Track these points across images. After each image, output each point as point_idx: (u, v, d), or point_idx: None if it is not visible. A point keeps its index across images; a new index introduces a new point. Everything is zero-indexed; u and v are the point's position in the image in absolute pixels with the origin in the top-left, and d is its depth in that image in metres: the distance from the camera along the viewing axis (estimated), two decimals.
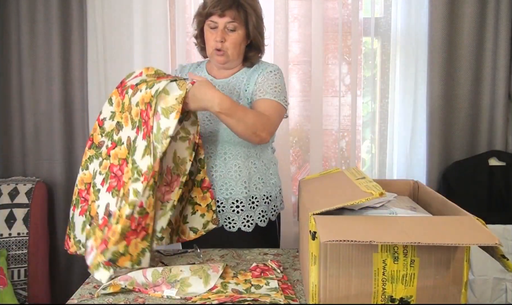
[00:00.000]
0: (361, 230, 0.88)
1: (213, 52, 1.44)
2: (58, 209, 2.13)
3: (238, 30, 1.42)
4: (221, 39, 1.41)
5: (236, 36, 1.42)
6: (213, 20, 1.41)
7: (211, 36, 1.43)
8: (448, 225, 0.91)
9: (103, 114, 1.28)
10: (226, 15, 1.39)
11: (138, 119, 1.19)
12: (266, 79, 1.45)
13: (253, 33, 1.45)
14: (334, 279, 0.93)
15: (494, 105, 2.11)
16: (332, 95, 2.22)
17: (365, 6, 2.17)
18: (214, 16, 1.40)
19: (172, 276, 1.12)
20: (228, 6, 1.39)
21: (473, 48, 2.08)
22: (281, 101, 1.42)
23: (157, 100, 1.14)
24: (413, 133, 2.16)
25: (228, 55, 1.44)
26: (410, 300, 0.93)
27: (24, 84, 2.08)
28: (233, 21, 1.40)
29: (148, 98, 1.16)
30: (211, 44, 1.44)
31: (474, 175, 2.04)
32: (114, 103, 1.26)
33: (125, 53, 2.13)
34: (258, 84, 1.45)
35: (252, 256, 1.36)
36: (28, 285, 1.94)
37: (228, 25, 1.41)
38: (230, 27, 1.41)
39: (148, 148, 1.15)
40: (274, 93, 1.41)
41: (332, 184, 1.20)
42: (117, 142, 1.24)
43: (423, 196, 1.25)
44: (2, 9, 2.06)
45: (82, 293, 1.13)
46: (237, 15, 1.40)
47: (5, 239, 1.92)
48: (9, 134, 2.12)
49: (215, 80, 1.50)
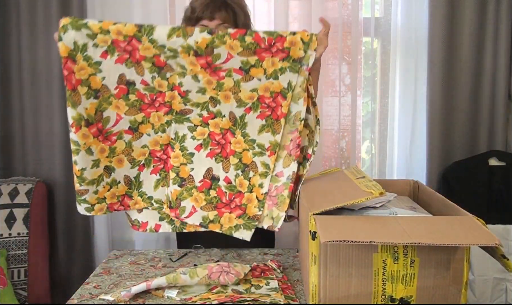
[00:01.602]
0: (361, 230, 0.88)
1: None
2: (58, 209, 2.13)
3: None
4: None
5: None
6: (203, 24, 1.41)
7: None
8: (448, 225, 0.91)
9: (185, 87, 1.28)
10: (216, 18, 1.40)
11: (253, 102, 1.27)
12: None
13: None
14: (334, 279, 0.93)
15: (494, 105, 2.10)
16: (332, 95, 2.22)
17: (365, 6, 2.17)
18: (204, 20, 1.40)
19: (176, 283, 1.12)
20: (217, 9, 1.39)
21: (473, 48, 2.07)
22: None
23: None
24: (413, 133, 2.16)
25: None
26: (410, 300, 0.93)
27: (24, 84, 2.08)
28: (223, 23, 1.41)
29: (278, 88, 1.25)
30: None
31: (474, 175, 2.04)
32: (201, 80, 1.26)
33: None
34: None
35: (252, 256, 1.37)
36: (28, 285, 1.93)
37: (218, 28, 1.42)
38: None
39: (270, 127, 1.28)
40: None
41: (332, 184, 1.20)
42: (216, 114, 1.30)
43: (423, 196, 1.25)
44: (2, 9, 2.06)
45: (82, 293, 1.13)
46: (227, 17, 1.41)
47: (5, 239, 1.92)
48: (9, 134, 2.12)
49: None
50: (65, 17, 1.18)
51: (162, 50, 1.20)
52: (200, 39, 1.18)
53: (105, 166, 1.30)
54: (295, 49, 1.19)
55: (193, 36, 1.18)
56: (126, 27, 1.17)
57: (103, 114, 1.27)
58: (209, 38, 1.18)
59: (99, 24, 1.17)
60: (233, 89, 1.26)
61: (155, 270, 1.28)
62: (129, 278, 1.23)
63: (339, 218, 0.96)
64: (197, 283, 1.11)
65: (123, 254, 1.42)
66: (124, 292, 1.09)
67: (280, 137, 1.27)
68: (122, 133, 1.31)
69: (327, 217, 0.94)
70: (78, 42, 1.18)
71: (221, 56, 1.21)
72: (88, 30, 1.17)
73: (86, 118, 1.24)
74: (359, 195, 0.98)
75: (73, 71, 1.21)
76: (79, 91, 1.22)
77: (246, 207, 1.33)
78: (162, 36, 1.18)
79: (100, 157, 1.29)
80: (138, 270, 1.29)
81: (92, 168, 1.28)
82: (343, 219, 0.96)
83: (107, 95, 1.26)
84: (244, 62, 1.22)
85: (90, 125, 1.26)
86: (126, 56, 1.22)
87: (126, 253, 1.43)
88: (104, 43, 1.19)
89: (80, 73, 1.21)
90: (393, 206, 1.09)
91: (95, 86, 1.24)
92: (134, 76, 1.25)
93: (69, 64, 1.20)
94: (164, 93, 1.29)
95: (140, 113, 1.30)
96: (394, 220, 0.94)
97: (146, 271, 1.28)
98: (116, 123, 1.29)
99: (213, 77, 1.24)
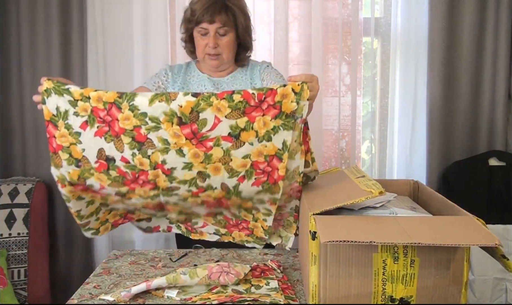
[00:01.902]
0: (361, 230, 0.88)
1: (206, 56, 1.46)
2: (58, 209, 2.13)
3: (228, 33, 1.43)
4: (214, 45, 1.43)
5: (228, 39, 1.44)
6: (203, 27, 1.41)
7: (202, 42, 1.44)
8: (448, 225, 0.91)
9: (169, 164, 1.16)
10: (216, 21, 1.40)
11: (247, 170, 1.16)
12: (269, 73, 1.50)
13: (242, 34, 1.47)
14: (334, 279, 0.93)
15: (494, 105, 2.11)
16: (332, 95, 2.22)
17: (365, 6, 2.17)
18: (204, 23, 1.40)
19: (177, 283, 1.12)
20: (217, 11, 1.39)
21: (473, 48, 2.08)
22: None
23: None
24: (413, 133, 2.16)
25: (222, 58, 1.46)
26: (410, 300, 0.93)
27: (24, 84, 2.08)
28: (223, 26, 1.41)
29: (272, 151, 1.14)
30: (204, 50, 1.45)
31: (474, 175, 2.04)
32: (187, 154, 1.13)
33: (125, 53, 2.13)
34: (265, 79, 1.48)
35: (252, 256, 1.37)
36: (28, 285, 1.93)
37: (219, 30, 1.42)
38: (221, 32, 1.42)
39: (267, 191, 1.19)
40: (284, 82, 1.44)
41: (332, 183, 1.20)
42: (206, 187, 1.20)
43: (423, 196, 1.25)
44: (2, 9, 2.06)
45: (82, 293, 1.13)
46: (227, 19, 1.41)
47: (5, 239, 1.92)
48: (9, 134, 2.12)
49: (212, 78, 1.52)
50: (48, 79, 1.13)
51: (143, 120, 1.10)
52: (184, 103, 1.07)
53: (100, 203, 1.29)
54: (287, 103, 1.10)
55: (176, 100, 1.07)
56: (107, 94, 1.10)
57: (86, 181, 1.19)
58: (194, 101, 1.08)
59: (81, 90, 1.11)
60: (223, 159, 1.13)
61: (155, 270, 1.28)
62: (129, 278, 1.23)
63: (339, 218, 0.96)
64: (197, 283, 1.10)
65: (123, 254, 1.42)
66: (124, 292, 1.09)
67: (280, 195, 1.18)
68: (111, 195, 1.23)
69: (327, 217, 0.94)
70: (60, 108, 1.12)
71: (207, 122, 1.09)
72: (70, 96, 1.11)
73: (69, 181, 1.19)
74: (359, 194, 0.98)
75: (55, 136, 1.15)
76: (60, 156, 1.17)
77: (253, 230, 1.34)
78: (143, 102, 1.08)
79: (94, 198, 1.26)
80: (138, 270, 1.29)
81: (87, 206, 1.27)
82: (343, 219, 0.96)
83: (87, 167, 1.17)
84: (233, 126, 1.10)
85: (75, 185, 1.20)
86: (106, 129, 1.13)
87: (126, 253, 1.43)
88: (84, 112, 1.12)
89: (61, 140, 1.15)
90: (393, 206, 1.09)
91: (76, 156, 1.16)
92: (114, 152, 1.14)
93: (51, 128, 1.15)
94: (146, 172, 1.16)
95: (124, 187, 1.20)
96: (394, 220, 0.94)
97: (146, 271, 1.28)
98: (101, 188, 1.21)
99: (200, 149, 1.12)
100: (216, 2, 1.40)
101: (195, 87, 1.52)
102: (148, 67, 2.10)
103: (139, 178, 1.17)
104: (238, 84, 1.50)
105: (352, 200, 0.97)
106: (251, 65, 1.55)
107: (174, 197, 1.23)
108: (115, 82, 2.17)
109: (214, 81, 1.51)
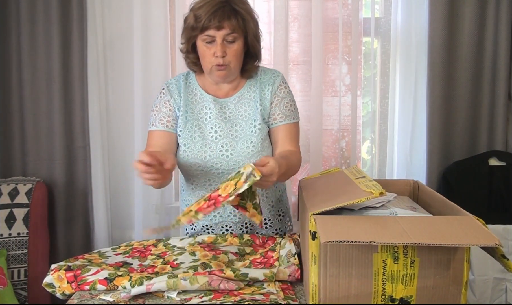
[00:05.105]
0: (361, 230, 0.88)
1: (213, 68, 1.31)
2: (58, 209, 2.13)
3: (237, 40, 1.30)
4: (222, 54, 1.28)
5: (237, 47, 1.30)
6: (209, 34, 1.27)
7: (208, 52, 1.29)
8: (448, 225, 0.91)
9: (179, 260, 1.26)
10: (225, 27, 1.26)
11: (246, 266, 1.22)
12: (280, 98, 1.39)
13: (252, 41, 1.34)
14: (334, 279, 0.93)
15: (494, 105, 2.11)
16: (332, 95, 2.22)
17: (365, 6, 2.17)
18: (211, 30, 1.26)
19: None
20: (226, 16, 1.25)
21: (473, 48, 2.08)
22: (298, 118, 1.44)
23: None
24: (413, 133, 2.16)
25: (230, 68, 1.32)
26: (410, 300, 0.93)
27: (24, 84, 2.08)
28: (232, 33, 1.27)
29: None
30: (210, 61, 1.30)
31: (474, 175, 2.04)
32: (198, 255, 1.27)
33: (125, 53, 2.14)
34: (274, 107, 1.38)
35: None
36: (28, 285, 1.94)
37: (227, 37, 1.28)
38: (229, 39, 1.28)
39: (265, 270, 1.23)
40: (292, 114, 1.41)
41: (332, 184, 1.20)
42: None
43: (423, 196, 1.25)
44: (2, 9, 2.06)
45: (82, 293, 1.13)
46: (236, 25, 1.27)
47: (5, 239, 1.92)
48: (9, 134, 2.12)
49: (218, 99, 1.39)
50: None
51: (171, 249, 1.34)
52: (206, 239, 1.35)
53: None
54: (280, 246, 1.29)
55: (200, 236, 1.37)
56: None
57: (82, 270, 1.18)
58: (213, 237, 1.35)
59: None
60: (226, 263, 1.23)
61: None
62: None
63: (339, 218, 0.96)
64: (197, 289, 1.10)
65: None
66: (124, 294, 1.09)
67: (276, 270, 1.18)
68: (96, 282, 1.15)
69: (327, 217, 0.94)
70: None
71: (221, 245, 1.35)
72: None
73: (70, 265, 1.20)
74: (359, 195, 0.98)
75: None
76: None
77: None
78: (174, 241, 1.37)
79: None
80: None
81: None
82: (343, 219, 0.96)
83: (98, 261, 1.25)
84: (241, 249, 1.31)
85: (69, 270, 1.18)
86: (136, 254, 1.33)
87: None
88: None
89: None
90: (393, 206, 1.08)
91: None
92: (134, 261, 1.29)
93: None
94: (155, 266, 1.24)
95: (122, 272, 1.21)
96: (394, 220, 0.94)
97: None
98: (95, 273, 1.17)
99: (210, 252, 1.27)
100: (223, 6, 1.26)
101: (198, 109, 1.39)
102: (148, 67, 2.10)
103: (145, 271, 1.22)
104: (246, 104, 1.38)
105: (352, 201, 0.97)
106: (260, 75, 1.41)
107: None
108: (115, 82, 2.17)
109: (220, 103, 1.38)
